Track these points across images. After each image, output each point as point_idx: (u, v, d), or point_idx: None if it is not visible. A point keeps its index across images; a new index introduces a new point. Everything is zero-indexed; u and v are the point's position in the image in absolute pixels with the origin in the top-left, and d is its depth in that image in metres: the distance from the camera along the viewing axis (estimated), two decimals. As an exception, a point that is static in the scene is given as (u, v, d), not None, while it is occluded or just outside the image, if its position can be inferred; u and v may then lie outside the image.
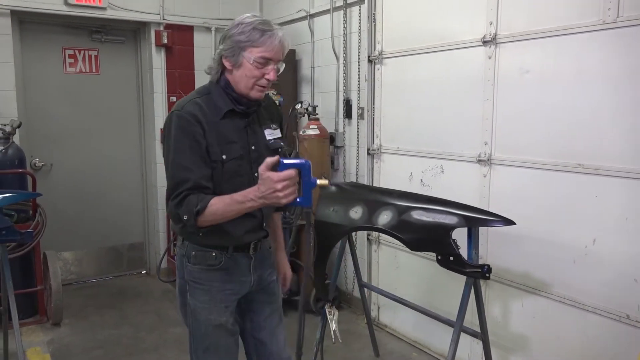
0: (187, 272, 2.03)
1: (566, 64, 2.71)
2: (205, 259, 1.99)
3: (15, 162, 4.07)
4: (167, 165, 1.92)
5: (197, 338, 2.05)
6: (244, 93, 1.95)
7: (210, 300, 2.00)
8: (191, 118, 1.88)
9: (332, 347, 3.64)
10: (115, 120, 5.18)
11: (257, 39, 1.87)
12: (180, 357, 3.60)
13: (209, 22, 5.20)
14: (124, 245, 5.36)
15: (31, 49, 4.70)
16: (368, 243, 4.17)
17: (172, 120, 1.90)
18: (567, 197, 2.75)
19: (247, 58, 1.89)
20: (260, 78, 1.93)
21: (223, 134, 1.94)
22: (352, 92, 4.26)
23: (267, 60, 1.91)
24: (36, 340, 3.86)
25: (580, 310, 2.72)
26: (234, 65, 1.92)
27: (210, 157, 1.91)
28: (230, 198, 1.82)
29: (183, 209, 1.81)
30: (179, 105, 1.94)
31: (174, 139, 1.88)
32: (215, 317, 2.01)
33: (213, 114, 1.93)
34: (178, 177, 1.85)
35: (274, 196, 1.71)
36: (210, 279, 2.00)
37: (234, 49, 1.90)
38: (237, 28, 1.89)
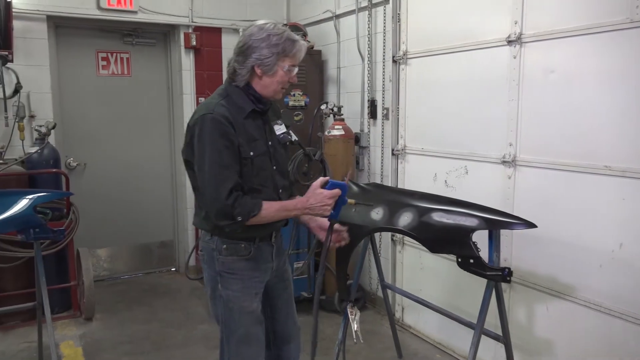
0: (219, 264, 2.18)
1: (592, 63, 2.66)
2: (236, 251, 2.16)
3: (50, 162, 4.22)
4: (203, 164, 2.04)
5: (230, 327, 2.20)
6: (269, 95, 2.16)
7: (243, 288, 2.18)
8: (224, 120, 2.03)
9: (355, 348, 3.66)
10: (146, 121, 5.31)
11: (290, 50, 2.09)
12: (207, 354, 3.68)
13: (236, 24, 5.27)
14: (155, 243, 5.50)
15: (66, 52, 4.86)
16: (392, 244, 4.17)
17: (204, 123, 2.03)
18: (593, 199, 2.70)
19: (281, 67, 2.10)
20: (286, 82, 2.15)
21: (249, 133, 2.11)
22: (377, 92, 4.26)
23: (294, 67, 2.15)
24: (69, 334, 4.00)
25: (606, 315, 2.67)
26: (266, 73, 2.10)
27: (240, 155, 2.07)
28: (280, 205, 2.12)
29: (238, 210, 1.99)
30: (208, 108, 2.07)
31: (210, 140, 2.02)
32: (247, 305, 2.19)
33: (238, 114, 2.09)
34: (221, 176, 2.01)
35: (321, 208, 2.07)
36: (242, 268, 2.18)
37: (269, 57, 2.07)
38: (269, 39, 2.06)
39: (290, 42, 2.09)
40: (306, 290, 4.32)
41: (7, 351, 3.71)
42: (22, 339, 3.87)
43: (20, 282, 4.06)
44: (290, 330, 2.47)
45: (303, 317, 4.16)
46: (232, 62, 2.15)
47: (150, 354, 3.68)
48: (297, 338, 2.51)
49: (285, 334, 2.46)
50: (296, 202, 2.14)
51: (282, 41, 2.07)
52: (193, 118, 2.11)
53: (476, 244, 2.49)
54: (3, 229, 3.08)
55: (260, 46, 2.06)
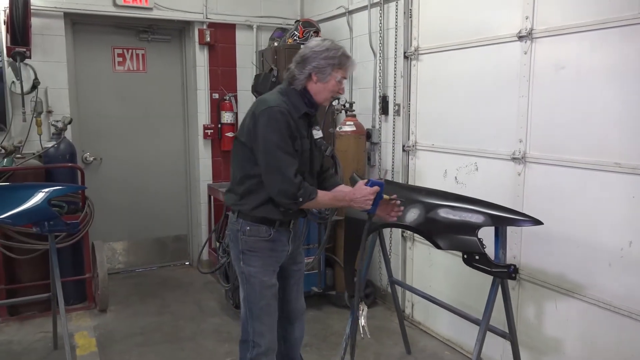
0: (242, 244, 2.48)
1: (603, 59, 2.62)
2: (258, 232, 2.46)
3: (66, 157, 4.30)
4: (271, 149, 2.32)
5: (252, 300, 2.50)
6: (320, 101, 2.49)
7: (263, 265, 2.48)
8: (287, 112, 2.36)
9: (364, 343, 3.67)
10: (161, 117, 5.38)
11: (345, 63, 2.44)
12: (216, 347, 3.73)
13: (250, 20, 5.30)
14: (169, 237, 5.57)
15: (83, 48, 4.94)
16: (403, 240, 4.16)
17: (273, 114, 2.33)
18: (602, 197, 2.67)
19: (334, 76, 2.43)
20: (336, 92, 2.49)
21: (300, 130, 2.42)
22: (388, 88, 4.25)
23: (344, 79, 2.49)
24: (84, 325, 4.09)
25: (615, 314, 2.64)
26: (320, 80, 2.42)
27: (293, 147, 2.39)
28: (332, 195, 2.47)
29: (301, 192, 2.32)
30: (272, 101, 2.38)
31: (278, 128, 2.32)
32: (267, 279, 2.49)
33: (295, 112, 2.41)
34: (288, 160, 2.32)
35: (364, 202, 2.40)
36: (262, 248, 2.47)
37: (326, 67, 2.40)
38: (327, 52, 2.40)
39: (345, 58, 2.45)
40: (316, 285, 4.34)
41: (24, 340, 3.80)
42: (38, 329, 3.96)
43: (37, 274, 4.15)
44: (297, 311, 2.76)
45: (314, 312, 4.27)
46: (292, 68, 2.47)
47: (161, 345, 3.74)
48: (302, 318, 2.80)
49: (292, 314, 2.75)
50: (344, 194, 2.46)
51: (339, 55, 2.41)
52: (259, 108, 2.38)
53: (482, 240, 2.49)
54: (18, 221, 3.15)
55: (319, 57, 2.39)
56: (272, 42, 5.06)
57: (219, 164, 5.35)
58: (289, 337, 2.79)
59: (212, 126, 5.26)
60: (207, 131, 5.24)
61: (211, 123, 5.27)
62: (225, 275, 4.29)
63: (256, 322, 2.50)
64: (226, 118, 5.25)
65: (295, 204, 2.34)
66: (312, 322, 4.12)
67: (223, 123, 5.26)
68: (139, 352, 3.64)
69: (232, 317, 4.18)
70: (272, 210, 2.44)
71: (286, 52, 4.63)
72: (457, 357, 3.61)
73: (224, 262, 4.23)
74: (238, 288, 4.03)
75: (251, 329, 2.51)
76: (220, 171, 5.35)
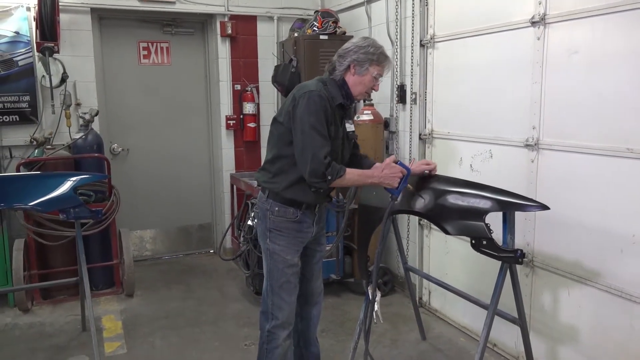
0: (270, 222, 2.61)
1: (616, 43, 2.59)
2: (285, 213, 2.59)
3: (94, 147, 4.48)
4: (307, 130, 2.42)
5: (274, 276, 2.63)
6: (355, 94, 2.61)
7: (288, 244, 2.61)
8: (326, 98, 2.48)
9: (381, 329, 3.73)
10: (185, 108, 5.51)
11: (382, 61, 2.57)
12: (236, 330, 3.84)
13: (271, 12, 5.37)
14: (194, 225, 5.72)
15: (109, 43, 5.11)
16: (420, 228, 4.19)
17: (313, 98, 2.45)
18: (615, 183, 2.64)
19: (371, 71, 2.56)
20: (371, 87, 2.61)
21: (335, 118, 2.54)
22: (406, 77, 4.26)
23: (380, 77, 2.61)
24: (111, 308, 4.26)
25: (627, 301, 2.62)
26: (358, 72, 2.55)
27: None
28: (361, 172, 2.58)
29: (329, 171, 2.41)
30: (312, 86, 2.51)
31: (316, 112, 2.43)
32: (290, 258, 2.62)
33: (332, 101, 2.53)
34: (321, 142, 2.42)
35: (392, 179, 2.52)
36: (288, 227, 2.60)
37: (365, 61, 2.53)
38: (368, 48, 2.54)
39: (383, 56, 2.58)
40: (335, 273, 4.41)
41: (55, 322, 4.00)
42: (69, 312, 4.16)
43: (68, 259, 4.34)
44: (316, 290, 2.89)
45: (332, 299, 4.35)
46: (333, 60, 2.60)
47: (183, 329, 3.88)
48: (319, 299, 2.92)
49: (310, 293, 2.88)
50: (372, 171, 2.57)
51: (378, 53, 2.55)
52: (300, 92, 2.50)
53: (489, 225, 2.50)
54: (47, 208, 3.30)
55: (360, 52, 2.53)
56: (292, 33, 5.11)
57: (241, 154, 5.46)
58: (306, 315, 2.91)
59: (234, 117, 5.36)
60: (230, 122, 5.34)
61: (233, 114, 5.37)
62: (246, 262, 4.40)
63: (276, 297, 2.64)
64: (248, 109, 5.34)
65: (325, 182, 2.44)
66: (330, 308, 4.19)
67: (245, 114, 5.36)
68: (162, 334, 3.79)
69: (252, 303, 4.29)
70: (301, 192, 2.56)
71: (305, 42, 4.69)
72: (472, 343, 3.63)
73: (244, 249, 4.34)
74: (258, 275, 4.22)
75: (270, 301, 2.66)
76: (243, 161, 5.46)
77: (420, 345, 3.64)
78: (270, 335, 2.68)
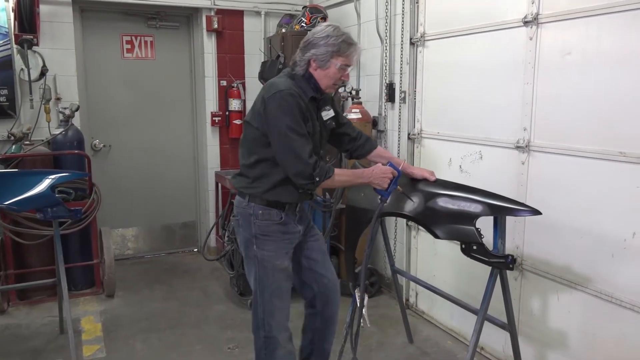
0: (255, 228, 2.49)
1: (610, 45, 2.54)
2: (270, 216, 2.48)
3: (74, 144, 4.34)
4: (284, 132, 2.32)
5: (263, 283, 2.52)
6: (322, 88, 2.47)
7: (276, 249, 2.51)
8: (297, 95, 2.36)
9: (367, 332, 3.66)
10: (169, 104, 5.39)
11: (345, 50, 2.40)
12: (219, 333, 3.75)
13: (258, 7, 5.26)
14: (177, 224, 5.61)
15: (91, 36, 4.97)
16: (407, 229, 4.13)
17: (284, 98, 2.33)
18: (607, 187, 2.60)
19: (334, 64, 2.40)
20: (338, 79, 2.46)
21: (309, 112, 2.44)
22: (395, 75, 4.19)
23: (347, 66, 2.45)
24: (91, 309, 4.15)
25: (617, 307, 2.58)
26: (320, 67, 2.41)
27: None
28: (350, 172, 2.57)
29: (317, 172, 2.34)
30: (281, 84, 2.38)
31: (290, 112, 2.32)
32: (280, 262, 2.52)
33: (303, 96, 2.40)
34: (302, 142, 2.33)
35: (382, 179, 2.45)
36: (275, 231, 2.50)
37: (325, 55, 2.38)
38: (327, 39, 2.37)
39: (345, 44, 2.40)
40: (321, 274, 4.33)
41: (32, 324, 3.87)
42: (46, 313, 4.03)
43: (46, 259, 4.20)
44: (328, 286, 2.74)
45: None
46: (296, 54, 2.48)
47: (165, 331, 3.78)
48: (335, 294, 2.79)
49: (324, 291, 2.74)
50: (362, 171, 2.51)
51: (339, 42, 2.38)
52: (269, 92, 2.38)
53: (479, 230, 2.45)
54: (22, 207, 3.19)
55: (319, 44, 2.38)
56: (280, 29, 5.02)
57: (226, 151, 5.36)
58: (323, 312, 2.78)
59: (219, 113, 5.25)
60: (215, 118, 5.24)
61: (219, 110, 5.27)
62: (230, 263, 4.31)
63: (267, 304, 2.54)
64: (234, 105, 5.24)
65: (313, 184, 2.37)
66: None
67: (231, 110, 5.25)
68: (143, 337, 3.68)
69: (237, 304, 4.20)
70: (283, 193, 2.47)
71: (293, 38, 4.59)
72: (459, 346, 3.59)
73: (229, 249, 4.25)
74: (242, 275, 4.13)
75: (261, 308, 2.55)
76: (228, 158, 5.36)
77: (407, 348, 3.58)
78: (267, 340, 2.58)
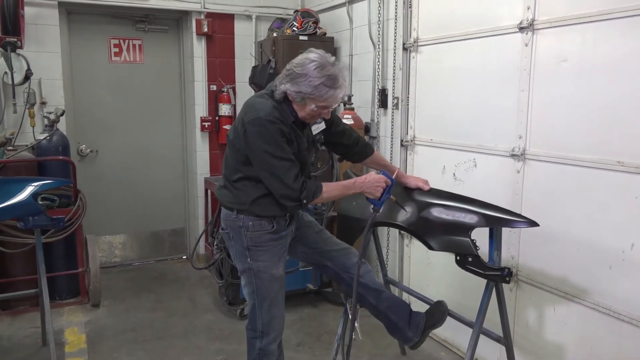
0: (247, 240, 2.43)
1: (607, 51, 2.49)
2: (261, 226, 2.42)
3: (59, 149, 4.23)
4: (267, 159, 2.27)
5: (262, 294, 2.47)
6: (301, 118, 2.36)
7: (272, 257, 2.46)
8: (277, 121, 2.26)
9: (359, 343, 3.56)
10: (158, 109, 5.29)
11: (322, 95, 2.23)
12: (207, 344, 3.65)
13: (249, 10, 5.18)
14: (166, 230, 5.50)
15: (78, 39, 4.86)
16: (400, 238, 4.06)
17: (263, 125, 2.25)
18: (604, 197, 2.54)
19: (309, 105, 2.28)
20: (318, 116, 2.37)
21: (294, 131, 2.35)
22: (387, 81, 4.12)
23: (325, 108, 2.32)
24: (75, 320, 4.03)
25: (615, 320, 2.52)
26: (296, 102, 2.30)
27: None
28: (341, 186, 2.46)
29: (304, 195, 2.30)
30: (261, 110, 2.27)
31: (272, 139, 2.25)
32: (275, 271, 2.48)
33: (285, 118, 2.31)
34: (285, 166, 2.27)
35: (375, 188, 2.37)
36: (267, 240, 2.44)
37: (299, 95, 2.25)
38: (306, 78, 2.20)
39: (325, 88, 2.21)
40: (312, 282, 4.25)
41: (14, 336, 3.76)
42: (29, 324, 3.91)
43: (29, 268, 4.08)
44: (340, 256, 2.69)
45: (308, 310, 4.18)
46: (279, 77, 2.34)
47: (151, 342, 3.67)
48: (349, 257, 2.69)
49: (339, 261, 2.69)
50: (354, 181, 2.42)
51: (318, 84, 2.20)
52: (248, 116, 2.28)
53: (475, 241, 2.38)
54: (2, 216, 3.09)
55: (296, 80, 2.23)
56: (271, 33, 4.94)
57: (216, 156, 5.26)
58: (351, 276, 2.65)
59: (209, 118, 5.16)
60: (205, 124, 5.15)
61: (209, 115, 5.18)
62: (219, 272, 4.21)
63: (265, 314, 2.50)
64: (224, 110, 5.15)
65: (301, 206, 2.35)
66: (306, 319, 4.04)
67: (221, 115, 5.16)
68: (128, 349, 3.57)
69: (225, 314, 4.10)
70: (269, 206, 2.41)
71: (284, 43, 4.53)
72: (452, 357, 3.52)
73: (217, 258, 4.15)
74: (231, 284, 4.03)
75: (260, 320, 2.50)
76: (218, 164, 5.26)
77: (399, 360, 3.51)
78: (261, 352, 2.54)
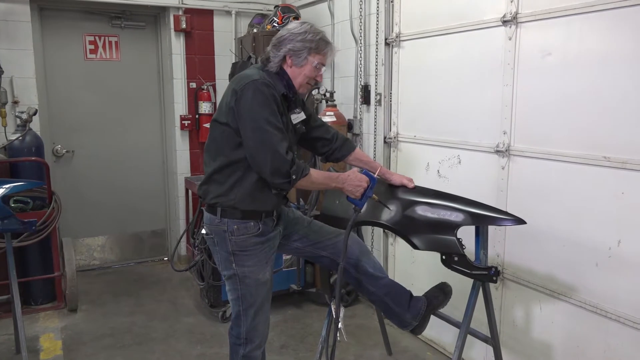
0: (231, 245, 2.32)
1: (591, 45, 2.44)
2: (247, 229, 2.31)
3: (32, 150, 4.09)
4: (260, 125, 2.17)
5: (247, 301, 2.37)
6: (296, 86, 2.34)
7: (258, 262, 2.36)
8: (271, 85, 2.23)
9: (343, 344, 3.51)
10: (136, 107, 5.16)
11: (323, 48, 2.31)
12: (188, 348, 3.56)
13: (229, 6, 5.08)
14: (146, 232, 5.38)
15: (52, 36, 4.72)
16: (385, 236, 4.00)
17: (258, 88, 2.18)
18: (590, 193, 2.50)
19: (310, 61, 2.29)
20: (312, 78, 2.35)
21: (283, 106, 2.30)
22: (370, 77, 4.06)
23: (322, 66, 2.34)
24: (51, 326, 3.90)
25: (602, 318, 2.48)
26: (295, 63, 2.29)
27: None
28: (326, 174, 2.36)
29: (294, 169, 2.20)
30: (255, 75, 2.23)
31: (265, 102, 2.18)
32: (262, 276, 2.38)
33: (277, 88, 2.27)
34: (279, 136, 2.18)
35: (356, 187, 2.31)
36: (253, 244, 2.33)
37: (302, 50, 2.27)
38: (305, 35, 2.26)
39: (323, 42, 2.31)
40: (295, 283, 4.18)
41: (-14, 343, 3.63)
42: (3, 331, 3.77)
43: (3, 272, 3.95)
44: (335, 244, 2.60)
45: (292, 311, 4.11)
46: (267, 50, 2.35)
47: (130, 347, 3.57)
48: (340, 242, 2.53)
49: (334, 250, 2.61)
50: (338, 175, 2.35)
51: (317, 39, 2.28)
52: (241, 83, 2.21)
53: (461, 240, 2.32)
54: (-30, 220, 2.95)
55: (296, 39, 2.26)
56: (251, 29, 4.85)
57: (197, 155, 5.15)
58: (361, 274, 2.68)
59: (189, 117, 5.05)
60: (185, 122, 5.03)
61: (188, 113, 5.07)
62: (200, 274, 4.11)
63: (250, 321, 2.40)
64: (204, 108, 5.04)
65: (289, 182, 2.22)
66: (290, 321, 3.97)
67: (201, 113, 5.05)
68: (106, 355, 3.46)
69: (207, 317, 4.01)
70: (261, 200, 2.31)
71: (265, 39, 4.43)
72: (438, 357, 3.47)
73: (198, 260, 4.05)
74: (213, 287, 3.94)
75: (244, 327, 2.40)
76: (199, 163, 5.15)
77: (385, 361, 3.45)
78: (245, 359, 2.44)
